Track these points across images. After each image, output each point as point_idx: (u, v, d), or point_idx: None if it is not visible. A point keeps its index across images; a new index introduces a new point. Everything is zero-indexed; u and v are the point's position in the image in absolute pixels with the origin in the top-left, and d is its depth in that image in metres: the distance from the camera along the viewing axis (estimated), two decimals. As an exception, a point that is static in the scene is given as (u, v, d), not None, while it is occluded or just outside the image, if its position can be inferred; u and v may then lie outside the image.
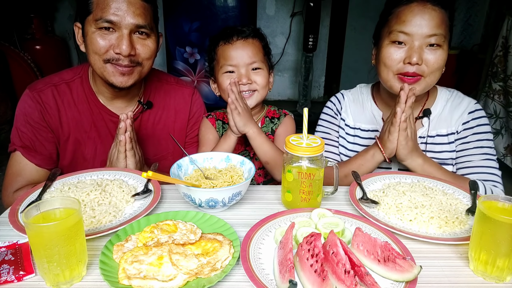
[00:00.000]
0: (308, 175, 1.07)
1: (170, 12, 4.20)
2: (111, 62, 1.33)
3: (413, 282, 0.81)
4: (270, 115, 1.64)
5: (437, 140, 1.48)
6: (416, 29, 1.30)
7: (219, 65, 1.52)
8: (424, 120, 1.49)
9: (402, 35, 1.32)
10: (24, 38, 4.15)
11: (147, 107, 1.55)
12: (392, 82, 1.38)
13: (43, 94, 1.44)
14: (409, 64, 1.31)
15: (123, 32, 1.30)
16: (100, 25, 1.29)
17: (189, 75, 4.46)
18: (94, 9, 1.30)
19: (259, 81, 1.50)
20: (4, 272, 0.85)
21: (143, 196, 1.16)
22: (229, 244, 0.93)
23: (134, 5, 1.30)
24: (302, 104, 4.79)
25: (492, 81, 3.46)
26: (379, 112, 1.56)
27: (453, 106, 1.49)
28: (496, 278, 0.87)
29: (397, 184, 1.23)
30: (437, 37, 1.30)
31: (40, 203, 0.86)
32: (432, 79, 1.36)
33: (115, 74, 1.34)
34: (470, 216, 1.07)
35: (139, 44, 1.34)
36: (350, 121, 1.60)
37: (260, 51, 1.53)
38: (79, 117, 1.48)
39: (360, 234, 0.93)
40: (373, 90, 1.61)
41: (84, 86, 1.48)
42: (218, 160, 1.28)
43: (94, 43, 1.31)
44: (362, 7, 5.01)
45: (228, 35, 1.50)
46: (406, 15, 1.32)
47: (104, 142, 1.50)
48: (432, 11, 1.30)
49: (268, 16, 5.05)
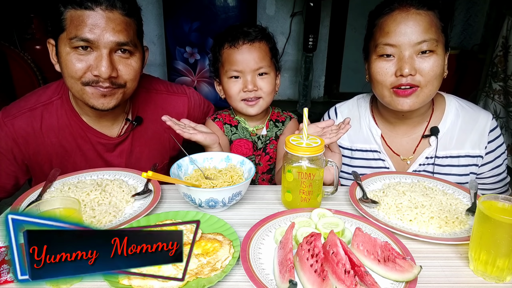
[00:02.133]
0: (308, 175, 1.07)
1: (170, 12, 4.20)
2: (91, 84, 1.20)
3: (413, 282, 0.81)
4: (274, 117, 1.59)
5: (446, 162, 1.37)
6: (402, 38, 1.20)
7: (224, 69, 1.45)
8: (432, 139, 1.37)
9: (388, 48, 1.23)
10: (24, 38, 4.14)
11: (137, 124, 1.44)
12: (388, 98, 1.28)
13: (17, 121, 1.31)
14: (402, 76, 1.22)
15: (102, 52, 1.16)
16: (75, 44, 1.15)
17: (189, 75, 4.46)
18: (68, 26, 1.15)
19: (265, 88, 1.44)
20: (4, 272, 0.85)
21: (143, 196, 1.16)
22: (229, 244, 0.93)
23: (113, 21, 1.17)
24: (302, 104, 4.78)
25: (492, 81, 3.46)
26: (378, 130, 1.43)
27: (467, 123, 1.35)
28: (496, 278, 0.87)
29: (397, 184, 1.23)
30: (427, 43, 1.20)
31: (40, 203, 0.86)
32: (430, 89, 1.25)
33: (95, 96, 1.22)
34: (470, 216, 1.07)
35: (121, 64, 1.21)
36: (346, 142, 1.48)
37: (267, 55, 1.46)
38: (60, 142, 1.36)
39: (360, 234, 0.93)
40: (372, 103, 1.49)
41: (65, 108, 1.35)
42: (218, 160, 1.28)
43: (69, 66, 1.18)
44: (362, 7, 4.99)
45: (234, 38, 1.41)
46: (389, 25, 1.23)
47: (92, 165, 1.37)
48: (417, 15, 1.21)
49: (268, 16, 5.05)
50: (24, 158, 1.36)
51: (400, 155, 1.43)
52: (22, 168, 1.39)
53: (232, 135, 1.54)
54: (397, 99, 1.26)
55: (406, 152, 1.42)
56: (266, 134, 1.55)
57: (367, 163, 1.46)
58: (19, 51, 3.93)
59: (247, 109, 1.46)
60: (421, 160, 1.39)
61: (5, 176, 1.38)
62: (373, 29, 1.30)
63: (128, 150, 1.46)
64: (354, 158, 1.48)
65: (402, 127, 1.42)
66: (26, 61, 3.91)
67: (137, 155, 1.48)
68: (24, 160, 1.37)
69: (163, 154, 1.53)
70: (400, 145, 1.43)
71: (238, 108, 1.48)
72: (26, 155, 1.36)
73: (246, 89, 1.42)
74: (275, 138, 1.56)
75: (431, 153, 1.38)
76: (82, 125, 1.37)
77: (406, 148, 1.43)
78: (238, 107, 1.48)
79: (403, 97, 1.25)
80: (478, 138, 1.35)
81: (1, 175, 1.37)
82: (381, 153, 1.43)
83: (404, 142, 1.43)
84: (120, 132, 1.44)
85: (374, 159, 1.45)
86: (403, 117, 1.38)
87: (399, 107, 1.27)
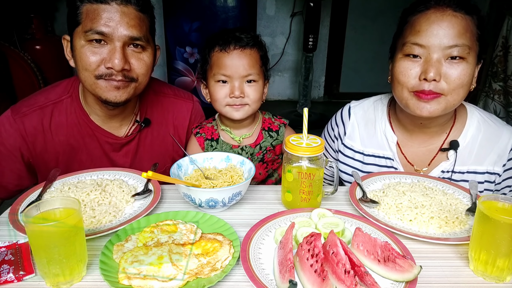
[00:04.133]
0: (308, 175, 1.07)
1: (170, 12, 4.20)
2: (104, 78, 1.22)
3: (413, 282, 0.81)
4: (266, 125, 1.52)
5: (462, 177, 1.31)
6: (433, 40, 1.13)
7: (212, 72, 1.41)
8: (450, 153, 1.30)
9: (416, 48, 1.16)
10: (24, 38, 4.14)
11: (145, 125, 1.46)
12: (407, 100, 1.21)
13: (27, 119, 1.33)
14: (425, 81, 1.15)
15: (115, 45, 1.19)
16: (90, 37, 1.18)
17: (189, 75, 4.46)
18: (83, 19, 1.19)
19: (251, 96, 1.40)
20: (4, 272, 0.85)
21: (143, 196, 1.16)
22: (229, 244, 0.93)
23: (128, 15, 1.20)
24: (302, 104, 4.78)
25: (492, 81, 3.47)
26: (393, 136, 1.36)
27: (488, 139, 1.29)
28: (496, 278, 0.87)
29: (397, 184, 1.22)
30: (459, 48, 1.12)
31: (40, 203, 0.86)
32: (455, 98, 1.17)
33: (108, 89, 1.23)
34: (470, 216, 1.07)
35: (133, 58, 1.24)
36: (358, 145, 1.42)
37: (257, 62, 1.41)
38: (68, 140, 1.38)
39: (360, 234, 0.93)
40: (389, 106, 1.41)
41: (75, 107, 1.37)
42: (218, 160, 1.28)
43: (84, 58, 1.20)
44: (362, 7, 5.02)
45: (225, 42, 1.38)
46: (421, 24, 1.15)
47: (97, 166, 1.38)
48: (453, 17, 1.13)
49: (268, 16, 5.05)
50: (31, 156, 1.37)
51: (414, 165, 1.37)
52: (27, 167, 1.40)
53: (213, 149, 1.49)
54: (417, 103, 1.19)
55: (421, 163, 1.36)
56: (260, 145, 1.49)
57: (378, 170, 1.39)
58: (19, 51, 3.93)
59: (232, 113, 1.41)
60: (436, 173, 1.32)
61: (9, 174, 1.38)
62: (404, 26, 1.22)
63: (134, 150, 1.47)
64: (366, 163, 1.42)
65: (420, 136, 1.35)
66: (26, 61, 3.91)
67: (142, 156, 1.49)
68: (30, 158, 1.38)
69: (166, 157, 1.54)
70: (415, 154, 1.37)
71: (222, 112, 1.44)
72: (33, 152, 1.37)
73: (233, 95, 1.38)
74: (272, 148, 1.51)
75: (448, 168, 1.31)
76: (90, 124, 1.39)
77: (421, 159, 1.36)
78: (222, 111, 1.43)
79: (424, 101, 1.18)
80: (498, 155, 1.28)
81: (5, 173, 1.38)
82: (395, 161, 1.37)
83: (420, 152, 1.36)
84: (127, 133, 1.45)
85: (386, 166, 1.39)
86: (422, 125, 1.31)
87: (417, 111, 1.20)
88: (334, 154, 1.54)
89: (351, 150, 1.46)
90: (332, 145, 1.55)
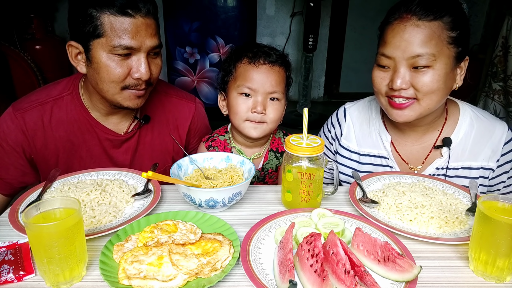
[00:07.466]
0: (308, 175, 1.07)
1: (170, 12, 4.20)
2: (130, 88, 1.25)
3: (413, 282, 0.81)
4: (274, 146, 1.48)
5: (457, 174, 1.33)
6: (396, 51, 1.16)
7: (235, 83, 1.36)
8: (444, 149, 1.32)
9: (384, 59, 1.20)
10: (24, 38, 4.14)
11: (145, 122, 1.47)
12: (385, 106, 1.26)
13: (27, 115, 1.34)
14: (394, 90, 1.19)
15: (141, 56, 1.22)
16: (118, 51, 1.19)
17: (189, 75, 4.46)
18: (107, 33, 1.18)
19: (272, 115, 1.36)
20: (4, 272, 0.85)
21: (143, 196, 1.16)
22: (229, 244, 0.93)
23: (150, 26, 1.22)
24: (302, 104, 4.79)
25: (492, 81, 3.47)
26: (387, 136, 1.39)
27: (481, 134, 1.30)
28: (496, 278, 0.87)
29: (397, 184, 1.22)
30: (421, 57, 1.13)
31: (40, 203, 0.86)
32: (428, 103, 1.19)
33: (132, 98, 1.27)
34: (470, 216, 1.07)
35: (152, 64, 1.28)
36: (354, 145, 1.45)
37: (283, 81, 1.38)
38: (68, 136, 1.38)
39: (360, 234, 0.93)
40: None
41: (75, 103, 1.38)
42: (218, 160, 1.28)
43: (110, 70, 1.21)
44: (362, 7, 5.02)
45: (255, 55, 1.34)
46: (387, 35, 1.19)
47: (97, 162, 1.41)
48: (415, 27, 1.14)
49: (268, 16, 5.05)
50: (32, 151, 1.38)
51: (409, 163, 1.38)
52: (30, 163, 1.41)
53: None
54: (393, 110, 1.24)
55: (415, 161, 1.38)
56: (263, 166, 1.46)
57: (374, 169, 1.41)
58: (19, 51, 3.93)
59: (250, 130, 1.37)
60: (431, 170, 1.34)
61: (13, 171, 1.40)
62: (379, 35, 1.27)
63: (134, 148, 1.47)
64: (362, 163, 1.44)
65: (412, 134, 1.37)
66: (26, 61, 3.91)
67: (142, 153, 1.50)
68: (31, 154, 1.39)
69: (166, 156, 1.55)
70: (409, 153, 1.39)
71: (240, 127, 1.38)
72: (33, 148, 1.38)
73: (255, 110, 1.33)
74: (275, 169, 1.48)
75: (442, 164, 1.33)
76: (90, 120, 1.40)
77: (416, 157, 1.38)
78: (240, 126, 1.38)
79: (398, 109, 1.22)
80: (492, 151, 1.30)
81: (9, 169, 1.39)
82: (390, 159, 1.39)
83: (414, 150, 1.38)
84: (127, 129, 1.46)
85: (382, 165, 1.41)
86: (410, 124, 1.32)
87: (395, 117, 1.25)
88: (333, 156, 1.55)
89: (348, 151, 1.47)
90: (330, 147, 1.55)
